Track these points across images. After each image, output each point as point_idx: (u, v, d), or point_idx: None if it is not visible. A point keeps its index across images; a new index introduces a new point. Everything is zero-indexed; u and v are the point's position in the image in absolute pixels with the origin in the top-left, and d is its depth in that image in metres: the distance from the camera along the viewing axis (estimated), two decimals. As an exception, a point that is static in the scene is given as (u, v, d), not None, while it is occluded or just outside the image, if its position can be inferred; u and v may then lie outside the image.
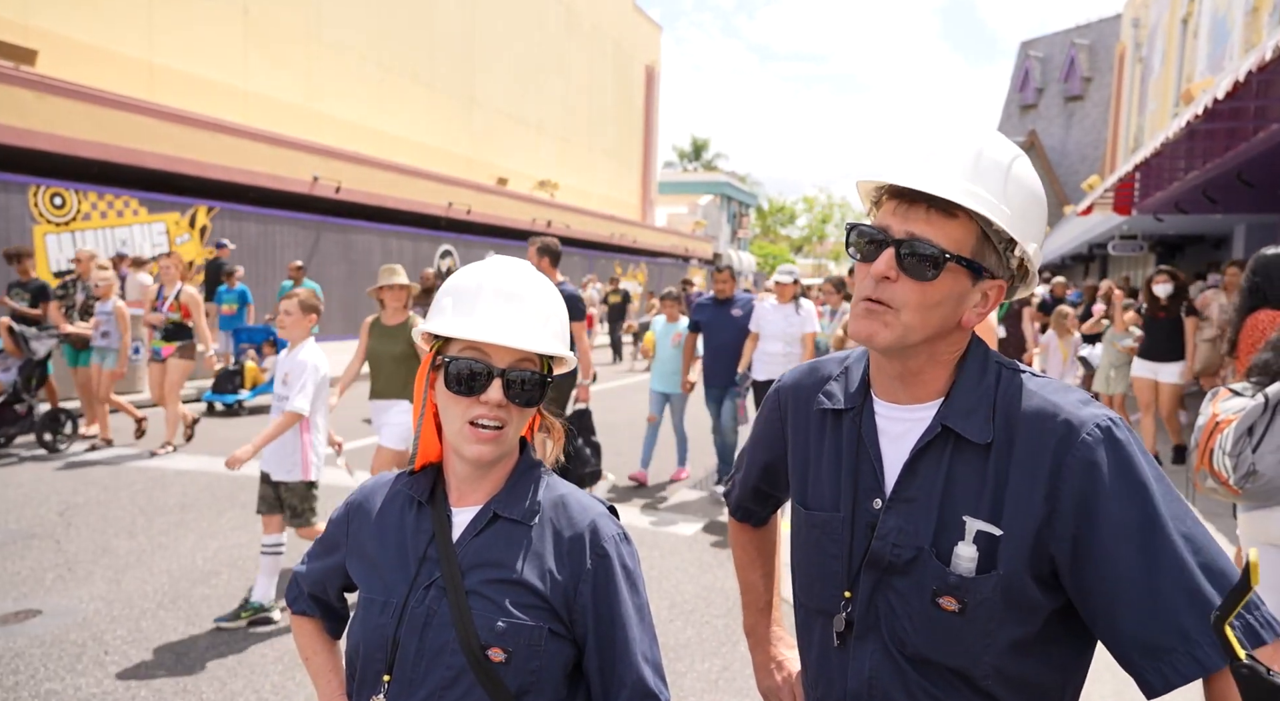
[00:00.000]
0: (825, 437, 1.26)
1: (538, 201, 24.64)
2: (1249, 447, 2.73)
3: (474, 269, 1.27)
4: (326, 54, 18.15)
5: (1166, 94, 18.20)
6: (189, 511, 5.80)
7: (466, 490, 1.28)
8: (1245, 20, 12.48)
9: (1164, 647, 1.01)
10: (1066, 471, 1.06)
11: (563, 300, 1.32)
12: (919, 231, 1.09)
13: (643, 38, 34.67)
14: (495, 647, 1.19)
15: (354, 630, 1.29)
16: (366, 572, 1.30)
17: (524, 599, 1.21)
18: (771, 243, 57.80)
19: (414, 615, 1.22)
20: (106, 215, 12.26)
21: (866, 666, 1.17)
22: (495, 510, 1.25)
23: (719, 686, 3.55)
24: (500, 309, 1.22)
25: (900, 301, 1.10)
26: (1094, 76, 35.35)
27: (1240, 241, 14.79)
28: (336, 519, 1.39)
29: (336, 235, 16.86)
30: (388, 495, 1.35)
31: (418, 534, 1.27)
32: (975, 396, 1.14)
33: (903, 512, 1.14)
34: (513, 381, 1.21)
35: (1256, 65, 5.31)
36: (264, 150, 15.04)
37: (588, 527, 1.26)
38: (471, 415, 1.20)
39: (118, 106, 12.37)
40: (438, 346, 1.26)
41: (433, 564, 1.24)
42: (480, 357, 1.21)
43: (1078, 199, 19.56)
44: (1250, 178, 9.15)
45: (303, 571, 1.45)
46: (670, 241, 34.84)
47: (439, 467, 1.32)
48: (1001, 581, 1.08)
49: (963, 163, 1.09)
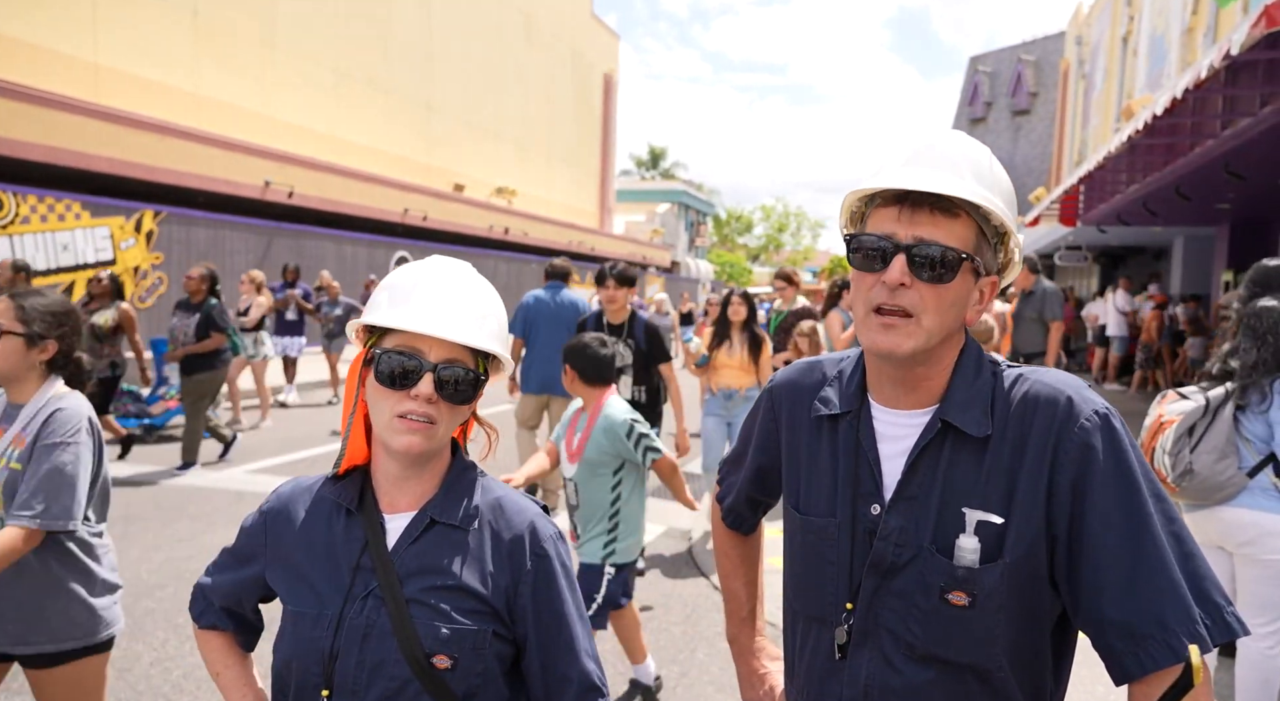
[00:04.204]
0: (822, 441, 1.26)
1: (495, 208, 24.50)
2: (1188, 447, 2.84)
3: (413, 266, 1.26)
4: (280, 58, 17.85)
5: (1108, 109, 18.79)
6: (134, 523, 5.63)
7: (397, 494, 1.25)
8: (1181, 39, 12.95)
9: (1142, 634, 1.04)
10: (1063, 455, 1.09)
11: (501, 304, 1.30)
12: (927, 234, 1.10)
13: (601, 46, 34.74)
14: (440, 655, 1.18)
15: (282, 645, 1.24)
16: (294, 584, 1.26)
17: (467, 604, 1.21)
18: (729, 251, 58.16)
19: (352, 627, 1.19)
20: (47, 219, 11.89)
21: (863, 674, 1.17)
22: (432, 515, 1.23)
23: (677, 693, 3.55)
24: (435, 303, 1.20)
25: (919, 307, 1.10)
26: (1040, 92, 36.32)
27: (1179, 253, 15.30)
28: (251, 528, 1.34)
29: (289, 241, 16.55)
30: (310, 502, 1.30)
31: (349, 542, 1.24)
32: (972, 392, 1.15)
33: (904, 512, 1.15)
34: (445, 377, 1.19)
35: (1193, 83, 5.52)
36: (214, 154, 14.73)
37: (526, 529, 1.26)
38: (401, 410, 1.18)
39: (60, 107, 12.02)
40: (372, 342, 1.24)
41: (367, 573, 1.21)
42: (413, 351, 1.19)
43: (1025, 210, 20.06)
44: (1188, 191, 9.49)
45: (209, 584, 1.39)
46: (628, 249, 34.88)
47: (365, 473, 1.28)
48: (1009, 569, 1.09)
49: (953, 163, 1.11)
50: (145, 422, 8.35)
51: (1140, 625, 1.04)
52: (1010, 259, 1.18)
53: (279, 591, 1.28)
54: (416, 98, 22.68)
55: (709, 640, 4.06)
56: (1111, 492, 1.07)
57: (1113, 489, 1.07)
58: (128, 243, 13.17)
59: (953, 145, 1.14)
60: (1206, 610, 1.04)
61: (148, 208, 13.46)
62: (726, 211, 60.45)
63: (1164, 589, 1.04)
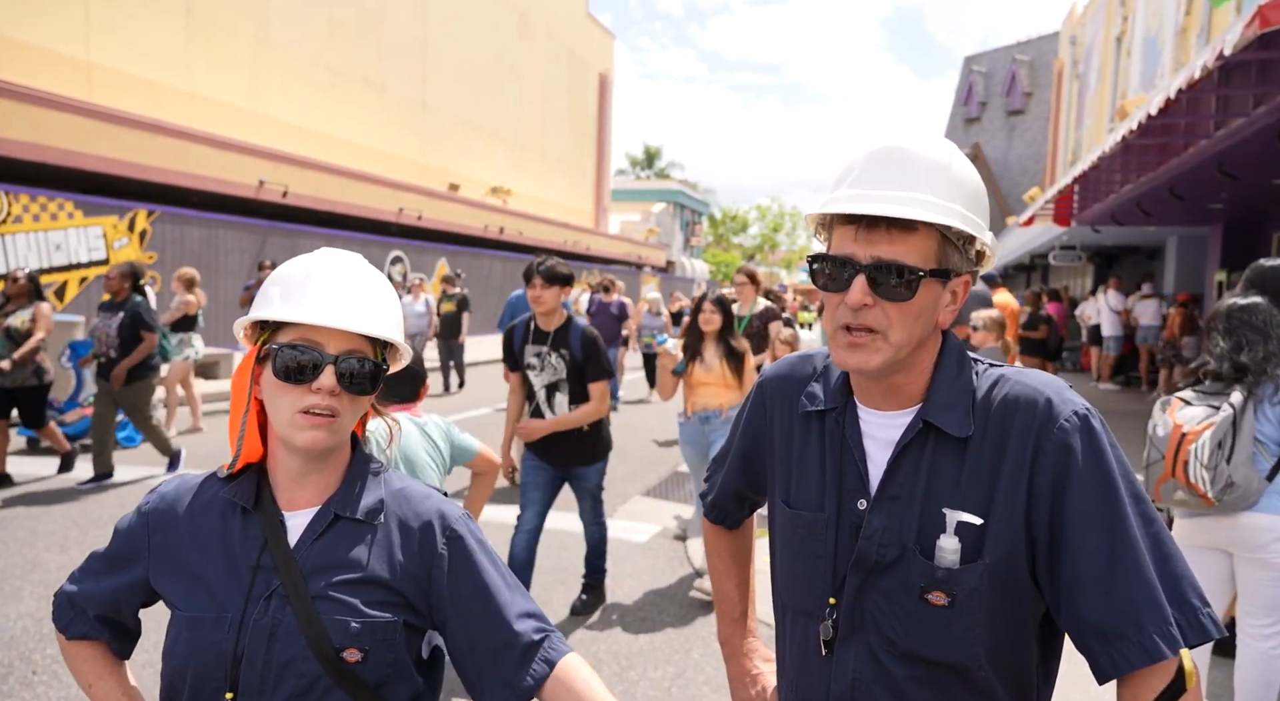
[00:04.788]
0: (810, 435, 1.26)
1: (490, 208, 24.47)
2: (1223, 460, 2.76)
3: (302, 259, 1.24)
4: (274, 56, 17.80)
5: (1102, 109, 18.84)
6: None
7: (297, 490, 1.23)
8: (1175, 40, 12.99)
9: (1117, 634, 1.05)
10: (1044, 456, 1.09)
11: (395, 293, 1.29)
12: (886, 253, 1.09)
13: (596, 45, 34.72)
14: (351, 648, 1.17)
15: (176, 651, 1.20)
16: (187, 587, 1.22)
17: (376, 596, 1.20)
18: (724, 251, 58.21)
19: (257, 627, 1.17)
20: (39, 218, 11.83)
21: (850, 668, 1.18)
22: (335, 511, 1.22)
23: (671, 693, 3.54)
24: (331, 295, 1.19)
25: (884, 324, 1.10)
26: (1034, 92, 36.41)
27: (1172, 252, 15.35)
28: (130, 529, 1.28)
29: (283, 241, 16.51)
30: (199, 502, 1.26)
31: (246, 541, 1.21)
32: (954, 392, 1.16)
33: (887, 512, 1.15)
34: (346, 369, 1.18)
35: (1186, 83, 5.53)
36: (208, 153, 14.68)
37: (435, 514, 1.26)
38: (304, 404, 1.16)
39: (53, 106, 11.97)
40: (264, 338, 1.22)
41: (269, 572, 1.19)
42: (311, 344, 1.18)
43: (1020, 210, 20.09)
44: (1181, 191, 9.51)
45: (78, 591, 1.31)
46: (624, 249, 34.88)
47: (260, 470, 1.25)
48: (989, 570, 1.10)
49: (907, 173, 1.10)
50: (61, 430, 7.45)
51: (1115, 625, 1.05)
52: (983, 252, 1.17)
53: (168, 595, 1.24)
54: (411, 97, 22.64)
55: (703, 639, 4.06)
56: (1090, 494, 1.08)
57: (1091, 490, 1.08)
58: (121, 242, 13.12)
59: (907, 153, 1.11)
60: (1183, 611, 1.05)
61: (141, 207, 13.41)
62: (722, 211, 60.49)
63: (1139, 590, 1.05)
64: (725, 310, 4.77)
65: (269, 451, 1.25)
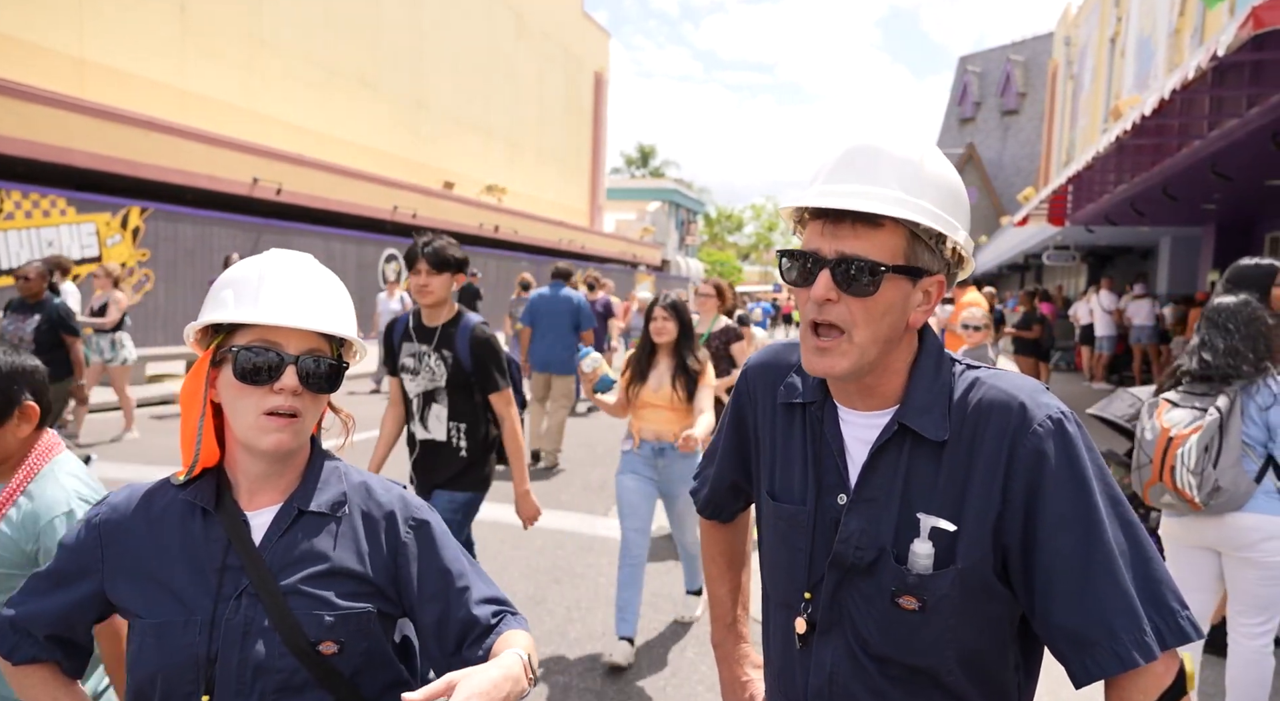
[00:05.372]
0: (792, 428, 1.26)
1: (485, 206, 24.45)
2: (1209, 464, 2.76)
3: (251, 261, 1.25)
4: (268, 54, 17.75)
5: (1096, 110, 18.90)
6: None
7: (259, 489, 1.24)
8: (1169, 41, 13.04)
9: (1089, 640, 1.04)
10: (1018, 462, 1.08)
11: (346, 291, 1.31)
12: (849, 249, 1.09)
13: (591, 44, 34.69)
14: (326, 641, 1.18)
15: (144, 659, 1.18)
16: (148, 594, 1.20)
17: (347, 587, 1.22)
18: (719, 250, 58.25)
19: (230, 627, 1.17)
20: (32, 215, 11.78)
21: (827, 663, 1.18)
22: (299, 506, 1.23)
23: (666, 692, 3.55)
24: (286, 295, 1.19)
25: (848, 321, 1.10)
26: (1029, 92, 36.51)
27: (1166, 253, 15.41)
28: (80, 543, 1.25)
29: (277, 238, 16.46)
30: (156, 508, 1.24)
31: (209, 543, 1.21)
32: (931, 395, 1.15)
33: (864, 513, 1.15)
34: (306, 369, 1.19)
35: (1180, 84, 5.55)
36: (201, 150, 14.64)
37: (397, 503, 1.29)
38: (267, 406, 1.17)
39: (45, 102, 11.91)
40: (218, 341, 1.22)
41: (236, 571, 1.19)
42: (270, 345, 1.18)
43: (1014, 210, 20.15)
44: (1174, 192, 9.55)
45: (21, 614, 1.26)
46: (618, 247, 34.87)
47: (217, 472, 1.25)
48: (960, 576, 1.09)
49: (877, 170, 1.09)
50: None
51: (1088, 632, 1.04)
52: (959, 254, 1.15)
53: (128, 605, 1.22)
54: (406, 94, 22.59)
55: (698, 639, 4.06)
56: (1064, 498, 1.07)
57: (1065, 494, 1.07)
58: (114, 239, 13.07)
59: (878, 150, 1.11)
60: (1161, 615, 1.05)
61: (134, 204, 13.36)
62: (717, 210, 60.55)
63: (1112, 596, 1.04)
64: (682, 318, 3.86)
65: (227, 454, 1.25)
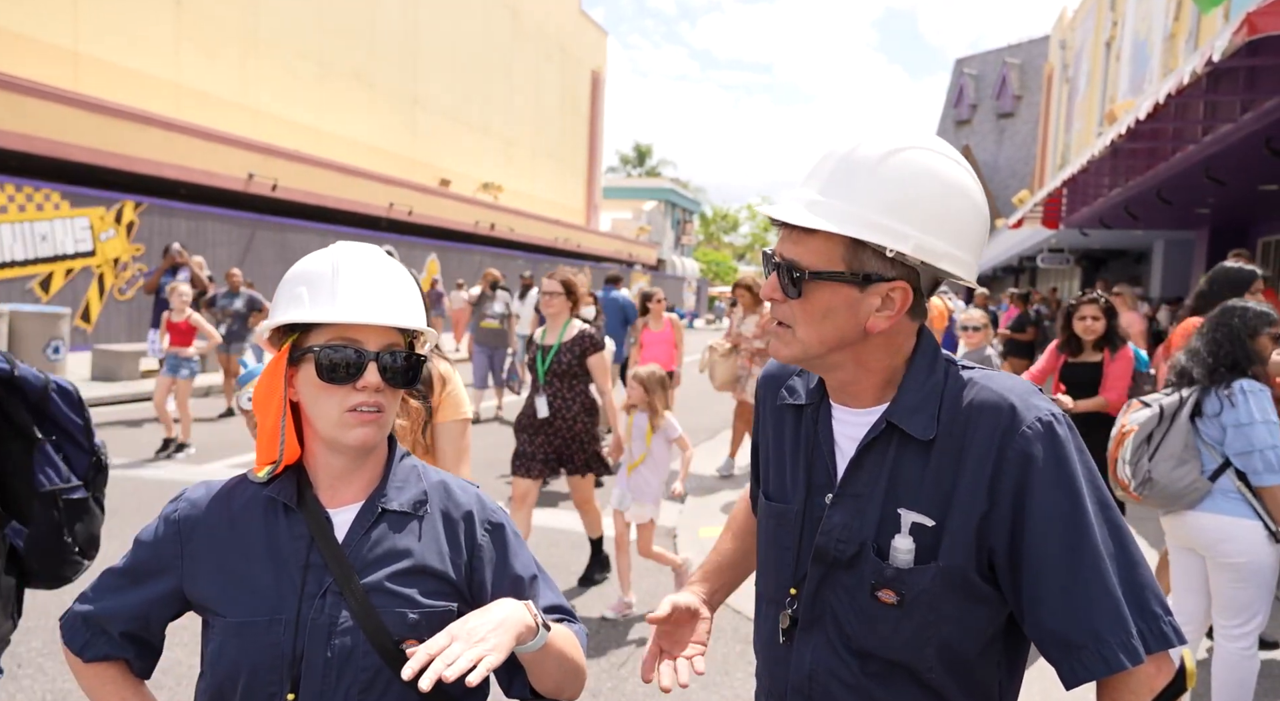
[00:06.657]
0: (787, 429, 1.29)
1: (481, 204, 24.43)
2: (1146, 456, 2.87)
3: (322, 254, 1.24)
4: (263, 49, 17.70)
5: (1091, 113, 18.98)
6: (114, 517, 5.54)
7: (340, 487, 1.24)
8: (1164, 45, 13.10)
9: (1076, 644, 1.05)
10: (1007, 464, 1.09)
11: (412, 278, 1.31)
12: (788, 253, 1.13)
13: (588, 42, 34.69)
14: (410, 639, 1.18)
15: (226, 657, 1.18)
16: (233, 591, 1.20)
17: (430, 586, 1.22)
18: (715, 249, 58.32)
19: (315, 626, 1.17)
20: (25, 208, 11.74)
21: (808, 659, 1.20)
22: (381, 505, 1.24)
23: (660, 690, 3.56)
24: (362, 290, 1.19)
25: (790, 319, 1.15)
26: (1024, 95, 36.62)
27: (1159, 256, 15.48)
28: (158, 539, 1.25)
29: (272, 234, 16.43)
30: (237, 504, 1.25)
31: (293, 540, 1.21)
32: (921, 395, 1.16)
33: (848, 508, 1.16)
34: (386, 365, 1.19)
35: (1175, 88, 5.58)
36: (196, 145, 14.60)
37: (475, 504, 1.30)
38: (351, 403, 1.17)
39: (39, 95, 11.87)
40: (294, 339, 1.21)
41: (319, 569, 1.19)
42: (351, 343, 1.17)
43: (1009, 213, 20.21)
44: (1168, 196, 9.60)
45: (97, 610, 1.25)
46: (614, 246, 34.89)
47: (297, 470, 1.25)
48: (941, 573, 1.10)
49: (832, 176, 1.10)
50: None
51: (1075, 635, 1.05)
52: (926, 263, 1.10)
53: (207, 603, 1.22)
54: (402, 92, 22.56)
55: (692, 637, 4.07)
56: (1052, 501, 1.07)
57: (1053, 497, 1.07)
58: (108, 233, 13.03)
59: (839, 156, 1.11)
60: (1145, 620, 1.06)
61: (128, 198, 13.32)
62: (713, 209, 60.61)
63: (1099, 599, 1.05)
64: None
65: (307, 451, 1.25)
